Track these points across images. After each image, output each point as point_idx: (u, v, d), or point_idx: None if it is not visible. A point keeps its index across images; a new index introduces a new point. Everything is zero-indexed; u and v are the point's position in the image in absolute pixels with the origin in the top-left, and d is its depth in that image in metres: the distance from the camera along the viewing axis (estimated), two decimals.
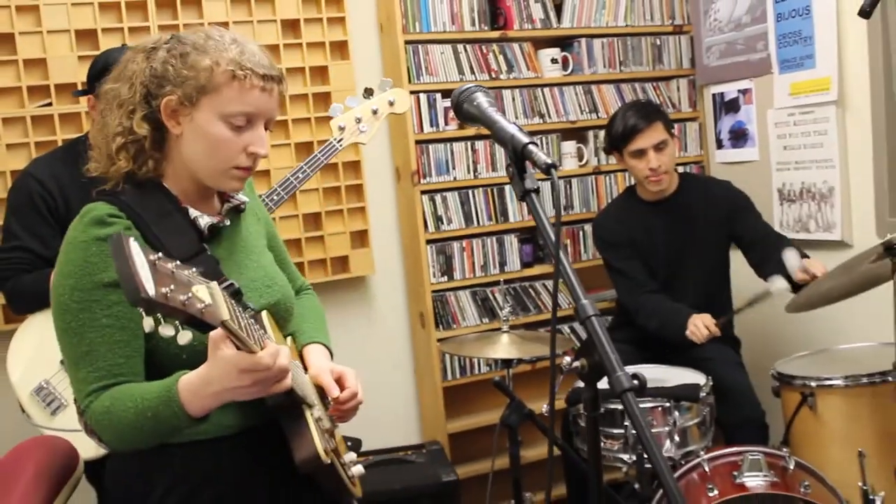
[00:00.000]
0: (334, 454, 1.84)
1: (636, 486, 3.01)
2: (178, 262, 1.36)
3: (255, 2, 3.69)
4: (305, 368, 1.96)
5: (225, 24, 3.59)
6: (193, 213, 1.77)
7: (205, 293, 1.35)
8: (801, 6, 3.82)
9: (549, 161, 1.41)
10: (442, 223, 3.99)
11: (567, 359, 1.46)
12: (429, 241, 3.98)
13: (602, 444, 3.02)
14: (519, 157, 1.46)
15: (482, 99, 1.61)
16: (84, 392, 1.64)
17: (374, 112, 3.13)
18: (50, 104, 3.38)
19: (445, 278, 4.01)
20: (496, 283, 4.08)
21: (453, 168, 4.01)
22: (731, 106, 4.30)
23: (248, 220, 1.95)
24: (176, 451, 1.73)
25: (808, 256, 3.24)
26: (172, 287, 1.29)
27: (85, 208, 1.71)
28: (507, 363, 3.32)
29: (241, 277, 1.81)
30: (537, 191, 1.47)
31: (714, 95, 4.41)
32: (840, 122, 3.74)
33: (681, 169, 3.99)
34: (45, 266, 2.72)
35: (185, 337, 1.33)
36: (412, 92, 3.85)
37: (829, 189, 3.83)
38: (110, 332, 1.38)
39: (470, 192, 4.05)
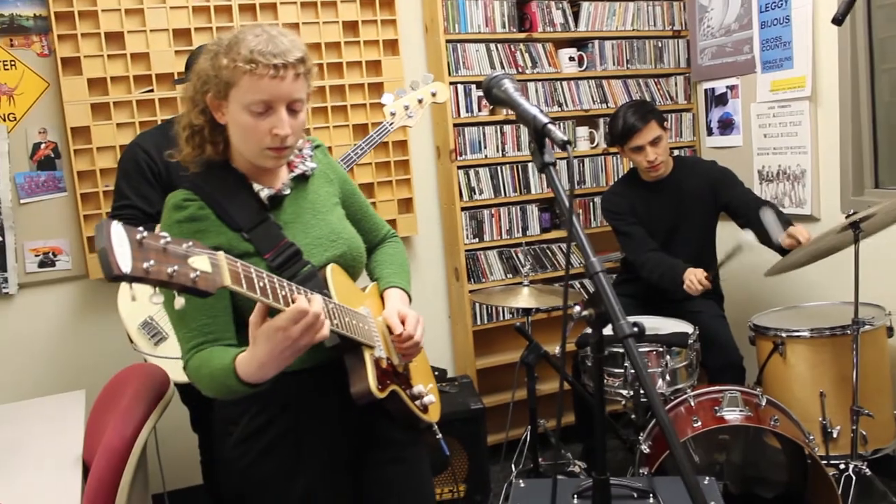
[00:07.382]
0: (400, 387, 1.78)
1: (632, 416, 3.04)
2: (169, 238, 1.21)
3: (321, 6, 3.64)
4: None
5: (296, 26, 3.56)
6: (257, 187, 1.71)
7: (203, 262, 1.25)
8: (783, 15, 3.73)
9: (564, 138, 1.35)
10: (474, 193, 3.95)
11: (577, 308, 1.40)
12: (463, 209, 3.94)
13: (605, 380, 2.99)
14: (539, 135, 1.39)
15: (508, 85, 1.53)
16: (184, 350, 1.63)
17: (420, 101, 3.11)
18: (152, 90, 3.37)
19: (477, 240, 3.97)
20: (519, 244, 4.06)
21: (485, 147, 3.96)
22: (720, 99, 4.21)
23: (318, 183, 1.85)
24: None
25: (791, 223, 3.08)
26: (154, 262, 1.15)
27: (168, 196, 1.69)
28: (526, 311, 3.32)
29: (308, 236, 1.75)
30: (554, 164, 1.41)
31: (706, 90, 4.31)
32: (812, 114, 3.66)
33: (676, 152, 3.91)
34: (150, 222, 2.68)
35: (178, 303, 1.22)
36: (451, 83, 3.82)
37: (801, 171, 3.75)
38: (194, 296, 1.24)
39: (498, 167, 3.99)
